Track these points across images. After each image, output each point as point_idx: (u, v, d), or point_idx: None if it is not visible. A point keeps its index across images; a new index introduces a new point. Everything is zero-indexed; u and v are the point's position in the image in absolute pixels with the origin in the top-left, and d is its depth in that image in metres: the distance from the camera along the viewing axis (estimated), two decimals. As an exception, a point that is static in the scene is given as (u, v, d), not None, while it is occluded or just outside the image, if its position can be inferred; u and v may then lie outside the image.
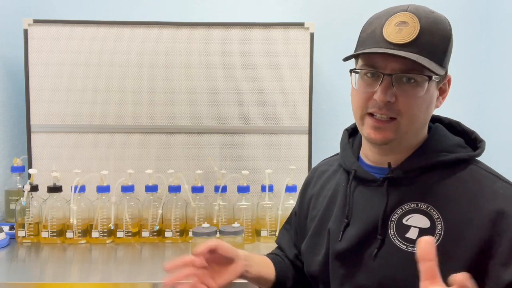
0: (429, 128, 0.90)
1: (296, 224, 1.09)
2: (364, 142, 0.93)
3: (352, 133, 1.02)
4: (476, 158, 0.87)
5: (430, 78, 0.80)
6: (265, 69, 1.73)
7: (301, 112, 1.74)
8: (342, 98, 1.97)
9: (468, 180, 0.82)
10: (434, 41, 0.80)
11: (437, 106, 0.87)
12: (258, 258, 1.02)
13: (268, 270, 1.01)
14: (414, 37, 0.78)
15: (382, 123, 0.82)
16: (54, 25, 1.69)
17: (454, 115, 0.98)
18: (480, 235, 0.76)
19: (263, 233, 1.58)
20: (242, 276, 0.93)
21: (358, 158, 0.95)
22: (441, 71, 0.81)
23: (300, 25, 1.72)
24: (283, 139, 1.75)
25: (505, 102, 1.86)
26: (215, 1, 1.96)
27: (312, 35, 1.72)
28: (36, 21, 1.69)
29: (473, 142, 0.89)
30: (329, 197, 0.97)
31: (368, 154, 0.92)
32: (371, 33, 0.83)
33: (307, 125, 1.74)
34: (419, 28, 0.79)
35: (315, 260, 0.95)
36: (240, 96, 1.73)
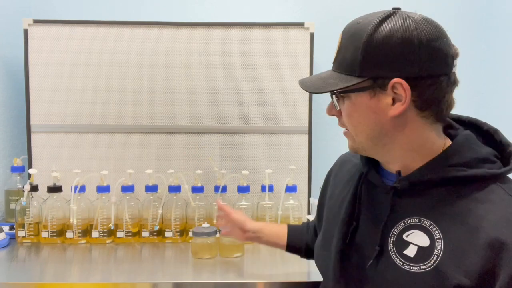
0: (456, 135, 0.84)
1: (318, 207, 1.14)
2: None
3: None
4: (505, 176, 0.79)
5: (333, 92, 0.83)
6: (265, 69, 1.73)
7: (301, 112, 1.74)
8: (342, 98, 1.96)
9: (481, 200, 0.75)
10: (347, 54, 0.81)
11: (393, 114, 0.78)
12: (272, 230, 1.26)
13: (278, 240, 1.24)
14: (335, 55, 0.84)
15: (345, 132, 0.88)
16: (54, 25, 1.69)
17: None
18: (481, 264, 0.71)
19: (263, 233, 1.58)
20: (251, 241, 1.27)
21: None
22: (347, 82, 0.79)
23: (300, 25, 1.72)
24: (283, 139, 1.75)
25: (505, 102, 1.86)
26: (215, 1, 1.96)
27: (312, 35, 1.72)
28: (36, 21, 1.69)
29: (508, 156, 0.81)
30: (344, 194, 0.96)
31: None
32: None
33: (307, 125, 1.74)
34: (339, 45, 0.83)
35: (322, 256, 0.95)
36: (240, 96, 1.73)
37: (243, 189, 1.58)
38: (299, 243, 1.23)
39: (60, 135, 1.72)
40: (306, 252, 1.22)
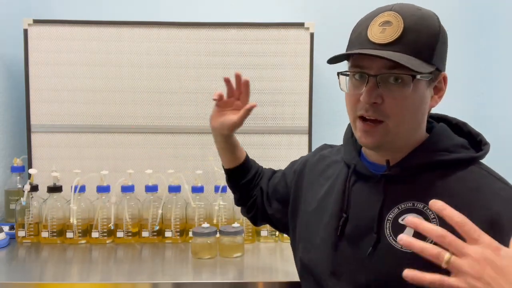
0: (433, 127, 0.90)
1: (280, 185, 1.14)
2: None
3: None
4: (479, 161, 0.86)
5: (414, 77, 0.79)
6: (265, 69, 1.73)
7: (301, 112, 1.74)
8: (342, 98, 1.95)
9: (467, 180, 0.82)
10: (420, 39, 0.79)
11: (432, 106, 0.86)
12: (240, 149, 1.23)
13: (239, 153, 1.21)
14: (397, 36, 0.78)
15: (371, 127, 0.82)
16: (54, 25, 1.69)
17: (454, 115, 0.98)
18: None
19: (263, 233, 1.58)
20: (224, 136, 1.17)
21: (360, 152, 0.95)
22: (427, 69, 0.79)
23: (300, 25, 1.72)
24: (283, 139, 1.75)
25: (505, 102, 1.86)
26: (215, 1, 1.96)
27: (312, 35, 1.72)
28: (36, 21, 1.69)
29: (478, 144, 0.88)
30: (327, 188, 0.97)
31: (367, 151, 0.92)
32: (358, 34, 0.84)
33: (307, 125, 1.74)
34: (403, 27, 0.78)
35: (310, 250, 0.95)
36: (240, 96, 1.73)
37: (243, 189, 1.58)
38: (251, 169, 1.23)
39: (60, 135, 1.72)
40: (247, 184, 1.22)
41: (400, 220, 0.83)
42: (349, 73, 0.85)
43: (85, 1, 1.94)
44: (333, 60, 0.84)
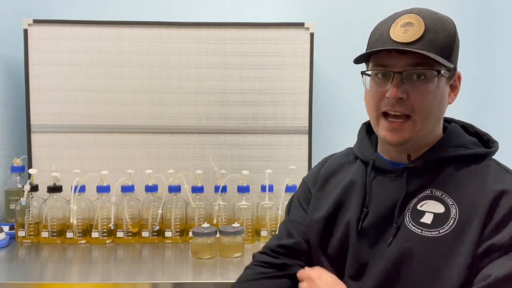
0: (445, 128, 0.94)
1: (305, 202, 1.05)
2: (381, 139, 0.95)
3: (370, 126, 1.02)
4: (492, 157, 0.91)
5: (439, 72, 0.84)
6: (265, 69, 1.73)
7: (301, 112, 1.74)
8: (342, 98, 1.96)
9: (481, 171, 0.86)
10: (439, 38, 0.84)
11: (449, 103, 0.91)
12: None
13: None
14: (419, 35, 0.83)
15: (397, 124, 0.86)
16: (54, 25, 1.69)
17: (454, 115, 0.98)
18: (481, 216, 0.80)
19: (263, 233, 1.58)
20: None
21: (375, 151, 0.98)
22: (449, 64, 0.84)
23: (300, 25, 1.72)
24: (283, 139, 1.75)
25: (505, 102, 1.86)
26: (215, 1, 1.96)
27: (312, 35, 1.72)
28: (36, 21, 1.69)
29: (486, 143, 0.93)
30: (345, 185, 0.97)
31: (385, 149, 0.95)
32: (379, 36, 0.88)
33: (307, 125, 1.74)
34: (424, 27, 0.83)
35: (330, 245, 0.95)
36: (240, 96, 1.73)
37: (243, 189, 1.58)
38: None
39: (60, 135, 1.72)
40: None
41: (418, 207, 0.86)
42: (370, 72, 0.89)
43: (85, 1, 1.94)
44: (359, 60, 0.88)
